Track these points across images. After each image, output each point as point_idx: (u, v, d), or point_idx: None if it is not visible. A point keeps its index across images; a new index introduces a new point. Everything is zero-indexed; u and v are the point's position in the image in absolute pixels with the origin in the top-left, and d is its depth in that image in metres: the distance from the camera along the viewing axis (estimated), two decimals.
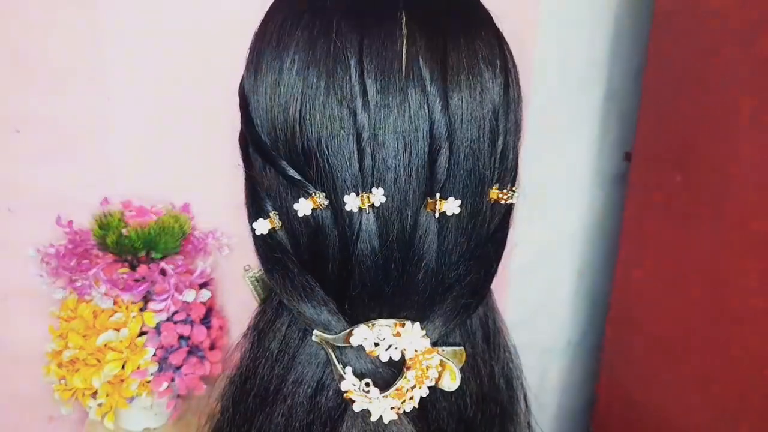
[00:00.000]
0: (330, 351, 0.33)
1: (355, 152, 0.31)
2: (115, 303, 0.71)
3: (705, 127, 0.85)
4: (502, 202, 0.35)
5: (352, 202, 0.31)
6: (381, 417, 0.32)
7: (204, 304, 0.75)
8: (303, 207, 0.32)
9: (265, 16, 0.35)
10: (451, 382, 0.33)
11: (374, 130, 0.30)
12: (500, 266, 0.37)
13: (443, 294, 0.34)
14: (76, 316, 0.71)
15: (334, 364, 0.33)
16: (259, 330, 0.37)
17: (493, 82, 0.32)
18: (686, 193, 0.89)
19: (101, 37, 0.75)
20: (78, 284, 0.71)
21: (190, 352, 0.73)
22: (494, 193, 0.34)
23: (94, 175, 0.78)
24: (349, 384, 0.32)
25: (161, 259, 0.74)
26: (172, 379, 0.72)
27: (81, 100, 0.76)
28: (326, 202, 0.32)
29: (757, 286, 0.79)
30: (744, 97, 0.79)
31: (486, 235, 0.35)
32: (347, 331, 0.32)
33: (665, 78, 0.93)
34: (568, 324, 1.22)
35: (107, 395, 0.70)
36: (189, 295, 0.72)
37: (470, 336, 0.37)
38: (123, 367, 0.69)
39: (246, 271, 0.39)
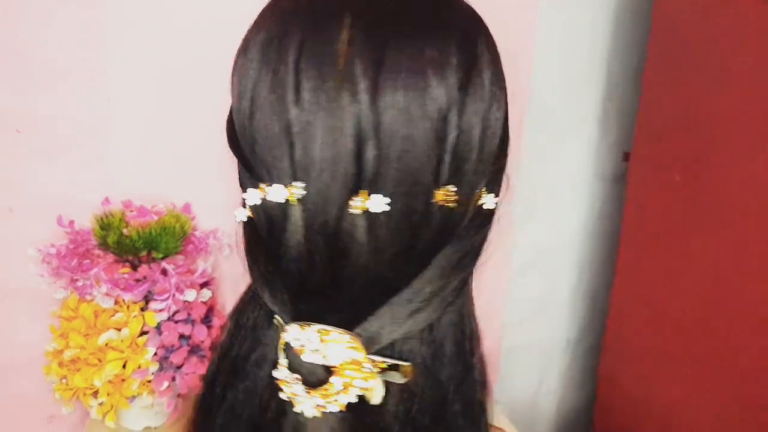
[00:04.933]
0: (281, 337, 0.34)
1: (286, 145, 0.32)
2: (116, 303, 0.71)
3: (704, 127, 0.86)
4: (448, 204, 0.34)
5: (277, 194, 0.33)
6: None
7: (205, 303, 0.75)
8: (250, 196, 0.35)
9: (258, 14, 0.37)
10: (372, 396, 0.33)
11: (304, 124, 0.32)
12: (500, 266, 0.37)
13: (384, 296, 0.33)
14: (77, 315, 0.71)
15: (280, 351, 0.34)
16: (238, 311, 0.39)
17: (440, 83, 0.32)
18: (685, 193, 0.90)
19: (102, 37, 0.75)
20: (79, 284, 0.71)
21: (191, 352, 0.74)
22: (441, 194, 0.33)
23: (95, 175, 0.79)
24: (281, 373, 0.33)
25: (162, 258, 0.74)
26: (173, 379, 0.72)
27: (82, 100, 0.76)
28: (263, 194, 0.34)
29: (757, 286, 0.80)
30: (743, 97, 0.79)
31: (434, 237, 0.34)
32: (285, 325, 0.33)
33: (664, 78, 0.93)
34: (567, 323, 1.22)
35: (108, 394, 0.70)
36: (190, 295, 0.73)
37: (430, 347, 0.35)
38: (124, 367, 0.70)
39: None
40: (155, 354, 0.71)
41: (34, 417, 0.82)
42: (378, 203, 0.32)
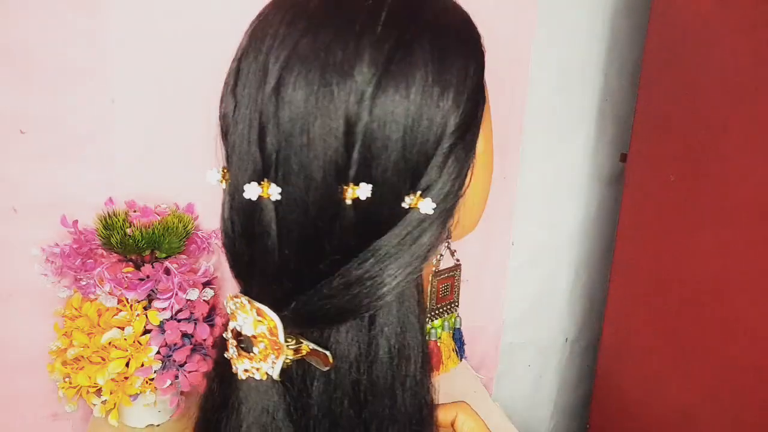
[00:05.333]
0: None
1: (223, 132, 0.37)
2: (119, 302, 0.72)
3: (700, 128, 0.86)
4: (350, 201, 0.34)
5: (212, 176, 0.37)
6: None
7: (207, 302, 0.76)
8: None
9: None
10: (273, 373, 0.36)
11: (232, 114, 0.35)
12: (498, 266, 0.37)
13: (299, 284, 0.35)
14: (81, 314, 0.72)
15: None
16: None
17: (345, 81, 0.33)
18: (681, 193, 0.90)
19: (106, 38, 0.76)
20: (83, 283, 0.72)
21: (193, 350, 0.74)
22: (347, 191, 0.33)
23: (98, 175, 0.79)
24: (227, 335, 0.37)
25: (165, 258, 0.75)
26: (176, 377, 0.73)
27: (85, 101, 0.77)
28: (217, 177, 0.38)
29: (753, 284, 0.80)
30: (738, 98, 0.80)
31: (355, 237, 0.34)
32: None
33: (661, 79, 0.94)
34: (565, 322, 1.23)
35: (111, 393, 0.71)
36: (192, 294, 0.73)
37: (361, 348, 0.36)
38: (127, 365, 0.70)
39: None
40: (158, 352, 0.71)
41: (38, 415, 0.83)
42: (275, 192, 0.34)
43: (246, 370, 0.36)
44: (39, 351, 0.76)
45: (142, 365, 0.70)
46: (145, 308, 0.72)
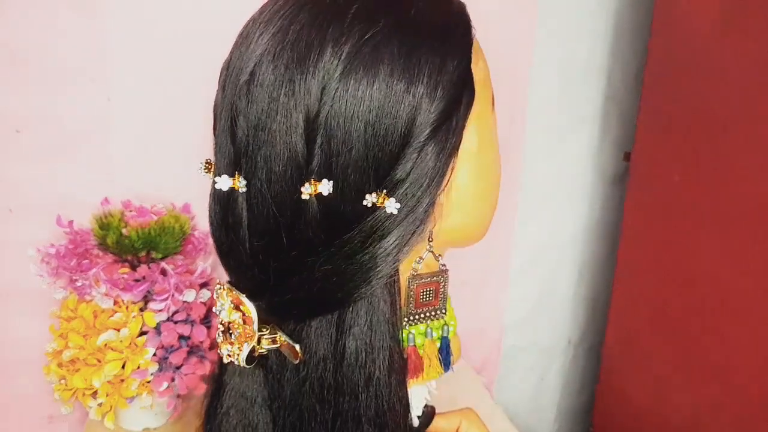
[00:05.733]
0: None
1: (213, 126, 0.38)
2: (115, 303, 0.71)
3: (704, 127, 0.85)
4: (306, 196, 0.33)
5: (199, 168, 0.39)
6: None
7: (204, 303, 0.75)
8: (198, 167, 0.40)
9: None
10: (240, 359, 0.37)
11: (220, 109, 0.37)
12: (500, 267, 0.37)
13: (272, 276, 0.36)
14: (77, 316, 0.71)
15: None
16: None
17: (306, 79, 0.32)
18: (685, 192, 0.89)
19: (102, 37, 0.75)
20: (78, 284, 0.71)
21: (190, 352, 0.73)
22: (310, 186, 0.33)
23: (94, 175, 0.79)
24: (217, 320, 0.39)
25: (161, 259, 0.74)
26: (173, 379, 0.72)
27: (82, 100, 0.76)
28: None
29: (757, 286, 0.80)
30: (742, 97, 0.79)
31: (319, 233, 0.34)
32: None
33: (665, 78, 0.93)
34: (568, 323, 1.22)
35: (107, 395, 0.70)
36: (189, 295, 0.72)
37: (331, 348, 0.36)
38: (123, 367, 0.69)
39: None
40: (154, 354, 0.71)
41: (33, 417, 0.82)
42: (240, 184, 0.35)
43: (228, 355, 0.38)
44: (34, 353, 0.75)
45: (139, 367, 0.70)
46: (141, 309, 0.71)
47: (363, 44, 0.33)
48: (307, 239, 0.34)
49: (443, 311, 0.43)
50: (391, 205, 0.33)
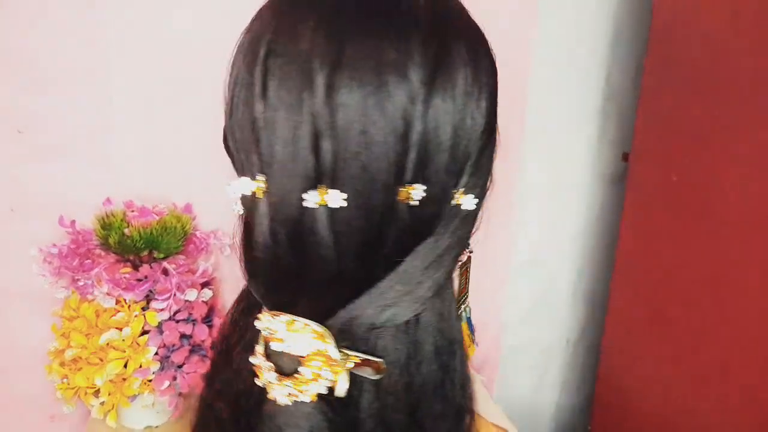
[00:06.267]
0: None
1: (253, 140, 0.34)
2: (117, 302, 0.71)
3: (702, 127, 0.86)
4: (410, 202, 0.34)
5: (245, 186, 0.34)
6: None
7: (206, 303, 0.76)
8: (230, 189, 0.36)
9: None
10: (338, 389, 0.33)
11: (268, 120, 0.33)
12: (500, 266, 0.37)
13: (355, 291, 0.34)
14: (79, 315, 0.71)
15: (259, 338, 0.34)
16: (234, 303, 0.40)
17: (400, 82, 0.32)
18: (683, 193, 0.90)
19: (104, 38, 0.76)
20: (80, 284, 0.71)
21: (192, 351, 0.74)
22: (404, 192, 0.34)
23: (96, 175, 0.79)
24: (256, 360, 0.34)
25: (163, 258, 0.74)
26: (174, 378, 0.72)
27: (83, 100, 0.76)
28: (240, 187, 0.36)
29: (755, 286, 0.80)
30: (741, 97, 0.80)
31: (407, 237, 0.34)
32: (259, 314, 0.34)
33: (663, 79, 0.93)
34: (566, 323, 1.22)
35: (109, 394, 0.70)
36: (191, 295, 0.73)
37: (408, 347, 0.35)
38: (125, 366, 0.70)
39: None
40: (156, 353, 0.71)
41: (35, 416, 0.82)
42: (335, 198, 0.33)
43: (290, 394, 0.33)
44: (37, 352, 0.75)
45: (141, 366, 0.70)
46: (143, 309, 0.72)
47: (442, 50, 0.33)
48: (396, 246, 0.34)
49: (468, 294, 0.45)
50: (470, 202, 0.35)
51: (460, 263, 0.40)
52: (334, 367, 0.33)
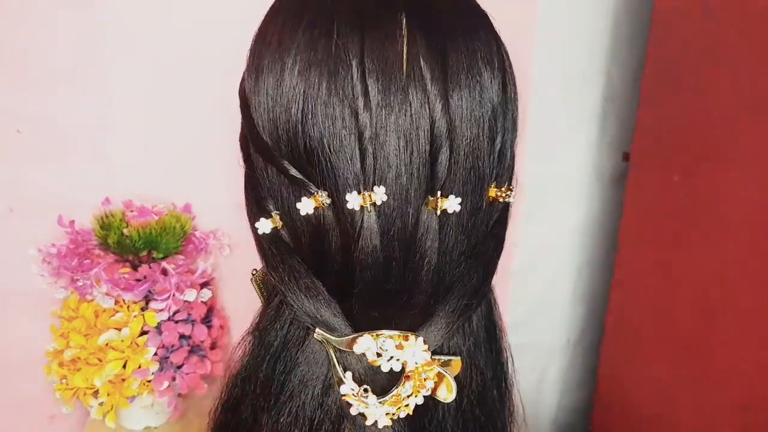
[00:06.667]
0: (331, 352, 0.33)
1: (357, 151, 0.31)
2: (116, 302, 0.71)
3: (703, 127, 0.86)
4: (501, 200, 0.35)
5: (353, 201, 0.31)
6: (376, 421, 0.32)
7: (205, 303, 0.76)
8: (305, 206, 0.32)
9: (265, 18, 0.35)
10: (447, 393, 0.33)
11: (376, 129, 0.31)
12: (500, 266, 0.37)
13: (445, 295, 0.34)
14: (78, 315, 0.71)
15: (335, 366, 0.33)
16: (261, 329, 0.37)
17: (491, 82, 0.33)
18: (684, 193, 0.89)
19: (103, 37, 0.75)
20: (79, 284, 0.71)
21: (191, 352, 0.74)
22: (493, 191, 0.35)
23: (95, 175, 0.79)
24: (348, 388, 0.32)
25: (162, 258, 0.74)
26: (173, 379, 0.72)
27: (83, 100, 0.76)
28: (328, 201, 0.32)
29: (757, 285, 0.80)
30: (741, 97, 0.79)
31: (485, 233, 0.35)
32: (350, 337, 0.32)
33: (664, 79, 0.93)
34: (567, 323, 1.22)
35: (108, 394, 0.70)
36: (190, 295, 0.73)
37: (470, 338, 0.36)
38: (124, 367, 0.70)
39: (253, 275, 0.39)
40: (155, 354, 0.71)
41: (34, 417, 0.82)
42: (453, 204, 0.32)
43: (389, 414, 0.32)
44: (35, 352, 0.75)
45: (140, 367, 0.70)
46: (142, 309, 0.72)
47: (466, 53, 0.33)
48: (480, 246, 0.35)
49: None
50: (512, 195, 0.36)
51: None
52: (438, 376, 0.33)
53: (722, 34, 0.82)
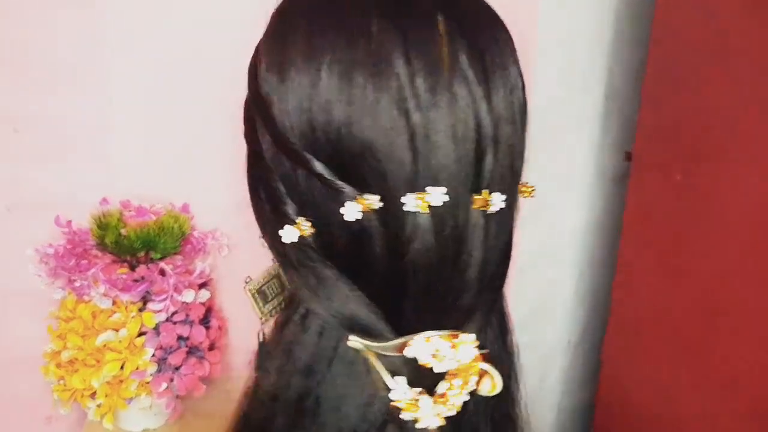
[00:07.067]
0: (372, 359, 0.32)
1: (408, 152, 0.30)
2: (114, 303, 0.71)
3: (705, 126, 0.85)
4: (526, 196, 0.36)
5: (410, 203, 0.30)
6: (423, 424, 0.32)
7: (203, 304, 0.75)
8: (350, 210, 0.30)
9: (279, 15, 0.33)
10: (491, 388, 0.33)
11: (426, 129, 0.30)
12: None
13: (482, 292, 0.34)
14: (75, 316, 0.71)
15: (382, 373, 0.32)
16: (288, 342, 0.35)
17: (517, 79, 0.34)
18: (686, 192, 0.89)
19: (102, 37, 0.75)
20: (77, 284, 0.71)
21: (189, 353, 0.73)
22: (522, 188, 0.36)
23: (93, 175, 0.78)
24: (401, 394, 0.31)
25: (160, 259, 0.74)
26: (171, 380, 0.72)
27: (81, 100, 0.76)
28: (379, 205, 0.31)
29: (758, 285, 0.79)
30: (743, 96, 0.79)
31: (513, 229, 0.37)
32: (400, 341, 0.32)
33: (665, 78, 0.93)
34: (568, 324, 1.22)
35: (106, 396, 0.70)
36: (188, 296, 0.72)
37: (491, 332, 0.37)
38: (122, 368, 0.69)
39: (247, 283, 0.38)
40: (153, 355, 0.70)
41: (32, 418, 0.82)
42: (498, 202, 0.32)
43: (439, 414, 0.32)
44: (33, 353, 0.75)
45: (137, 368, 0.69)
46: (140, 310, 0.71)
47: (498, 51, 0.33)
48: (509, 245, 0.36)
49: None
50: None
51: None
52: (482, 371, 0.33)
53: (723, 33, 0.82)
